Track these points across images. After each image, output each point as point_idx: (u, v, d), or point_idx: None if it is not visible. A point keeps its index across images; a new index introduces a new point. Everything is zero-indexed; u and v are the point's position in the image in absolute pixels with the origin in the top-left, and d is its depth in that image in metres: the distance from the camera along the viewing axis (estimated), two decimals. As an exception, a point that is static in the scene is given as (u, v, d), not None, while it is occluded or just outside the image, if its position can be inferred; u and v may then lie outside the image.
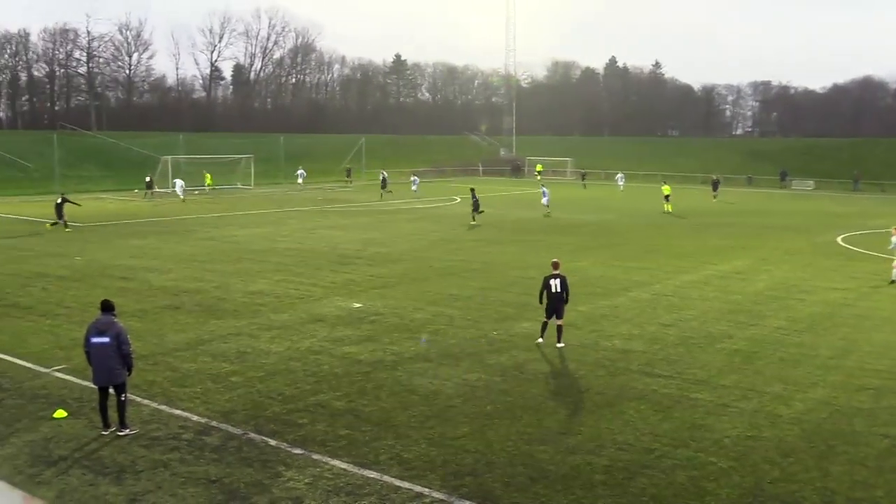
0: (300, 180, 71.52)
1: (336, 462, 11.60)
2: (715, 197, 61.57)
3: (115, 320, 12.72)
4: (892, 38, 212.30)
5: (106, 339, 12.42)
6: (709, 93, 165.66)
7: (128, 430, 12.66)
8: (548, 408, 14.11)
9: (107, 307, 12.81)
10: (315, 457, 11.80)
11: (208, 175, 66.99)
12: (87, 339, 12.57)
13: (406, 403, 14.23)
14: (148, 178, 61.16)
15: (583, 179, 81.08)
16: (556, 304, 18.00)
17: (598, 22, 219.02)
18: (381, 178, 64.76)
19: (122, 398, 12.66)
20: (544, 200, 49.92)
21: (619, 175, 77.17)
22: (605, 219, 46.93)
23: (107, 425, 12.68)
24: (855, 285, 26.26)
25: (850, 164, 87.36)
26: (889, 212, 53.72)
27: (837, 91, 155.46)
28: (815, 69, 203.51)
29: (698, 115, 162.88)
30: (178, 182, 57.40)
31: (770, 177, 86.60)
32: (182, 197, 55.79)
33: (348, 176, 78.60)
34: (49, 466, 11.45)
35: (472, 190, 45.61)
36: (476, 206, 43.93)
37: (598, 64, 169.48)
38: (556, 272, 18.11)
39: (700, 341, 18.78)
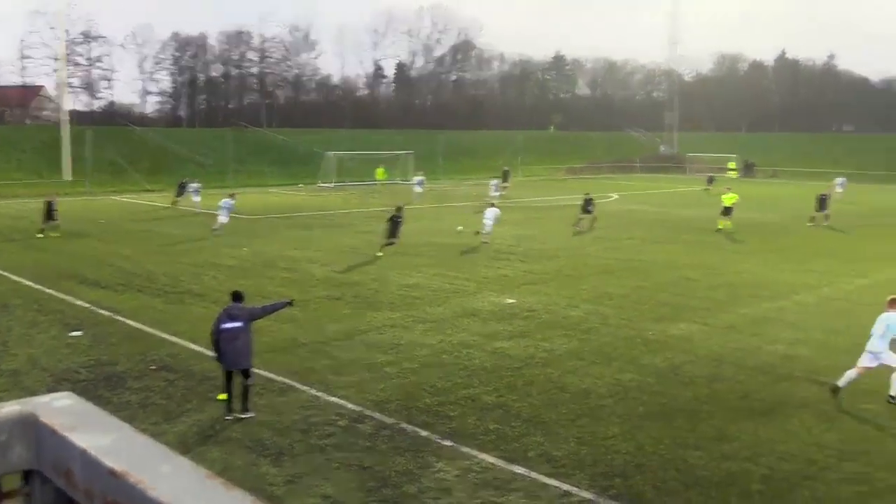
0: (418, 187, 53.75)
1: (485, 456, 11.68)
2: None
3: (245, 306, 13.43)
4: None
5: (238, 324, 12.95)
6: (890, 85, 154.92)
7: (250, 414, 13.10)
8: (703, 412, 13.67)
9: (238, 297, 13.50)
10: (464, 449, 11.92)
11: (381, 170, 67.68)
12: (218, 326, 13.03)
13: (556, 401, 14.14)
14: (182, 181, 48.78)
15: (709, 184, 63.82)
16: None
17: (768, 12, 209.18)
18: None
19: (249, 382, 13.19)
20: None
21: (838, 180, 56.66)
22: (773, 219, 44.89)
23: (230, 410, 13.16)
24: None
25: None
26: None
27: None
28: None
29: (877, 110, 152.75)
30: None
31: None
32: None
33: (505, 180, 60.29)
34: (215, 445, 12.13)
35: (399, 207, 31.23)
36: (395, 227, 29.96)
37: (768, 57, 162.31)
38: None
39: (873, 349, 17.64)
